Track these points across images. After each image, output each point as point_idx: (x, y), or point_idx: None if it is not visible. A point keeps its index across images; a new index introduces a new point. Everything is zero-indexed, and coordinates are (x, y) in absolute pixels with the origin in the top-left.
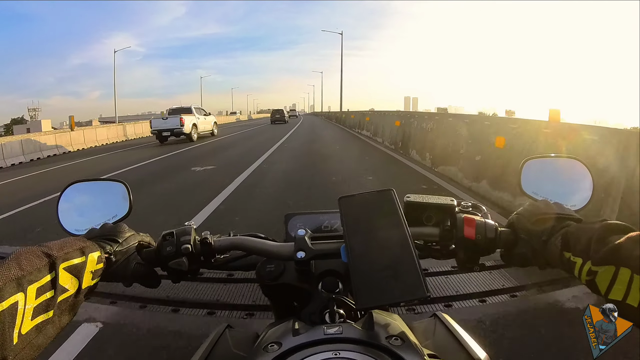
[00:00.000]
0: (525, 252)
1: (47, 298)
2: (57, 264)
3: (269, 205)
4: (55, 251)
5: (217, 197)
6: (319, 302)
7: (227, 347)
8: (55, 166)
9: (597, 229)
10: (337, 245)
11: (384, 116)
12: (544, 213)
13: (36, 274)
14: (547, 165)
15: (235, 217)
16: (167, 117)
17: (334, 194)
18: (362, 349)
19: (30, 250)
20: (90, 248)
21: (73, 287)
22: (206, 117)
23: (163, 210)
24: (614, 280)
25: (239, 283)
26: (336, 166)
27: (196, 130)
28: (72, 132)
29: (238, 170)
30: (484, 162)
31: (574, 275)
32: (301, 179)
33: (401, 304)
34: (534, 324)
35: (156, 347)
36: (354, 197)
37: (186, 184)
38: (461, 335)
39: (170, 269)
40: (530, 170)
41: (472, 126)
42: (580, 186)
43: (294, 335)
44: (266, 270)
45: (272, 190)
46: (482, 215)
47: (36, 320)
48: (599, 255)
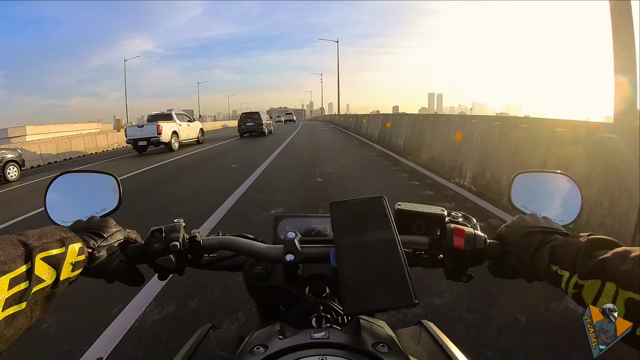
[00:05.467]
0: (513, 264)
1: (21, 289)
2: (33, 254)
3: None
4: (33, 240)
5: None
6: (305, 306)
7: (211, 347)
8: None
9: (583, 243)
10: (326, 250)
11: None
12: (532, 226)
13: (10, 264)
14: (536, 180)
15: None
16: (143, 124)
17: None
18: (349, 354)
19: (6, 239)
20: (72, 239)
21: (50, 277)
22: (190, 123)
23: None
24: (599, 294)
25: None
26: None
27: (177, 139)
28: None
29: (211, 207)
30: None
31: (561, 289)
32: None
33: (388, 310)
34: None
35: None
36: (345, 203)
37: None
38: (446, 345)
39: (157, 266)
40: (520, 184)
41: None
42: (569, 201)
43: (281, 338)
44: (254, 271)
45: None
46: (471, 226)
47: (7, 311)
48: (586, 269)
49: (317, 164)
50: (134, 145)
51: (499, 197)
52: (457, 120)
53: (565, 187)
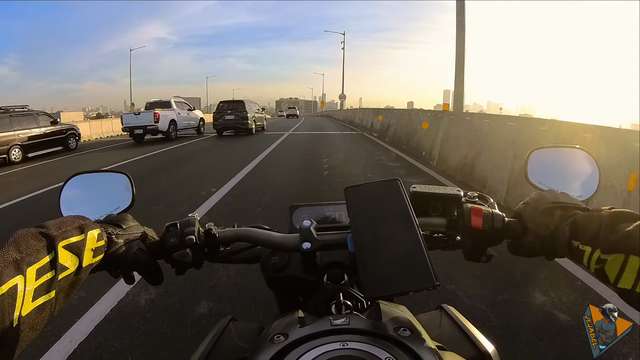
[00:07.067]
0: (533, 241)
1: (48, 279)
2: (56, 243)
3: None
4: (53, 230)
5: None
6: (324, 294)
7: (232, 339)
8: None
9: (606, 217)
10: (342, 236)
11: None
12: (551, 202)
13: (35, 255)
14: (553, 156)
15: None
16: (140, 112)
17: None
18: (370, 339)
19: (27, 232)
20: (90, 226)
21: (73, 265)
22: (190, 112)
23: None
24: (623, 269)
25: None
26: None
27: (175, 128)
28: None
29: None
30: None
31: (583, 264)
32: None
33: (410, 293)
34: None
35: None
36: (360, 187)
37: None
38: (468, 328)
39: (174, 261)
40: (536, 161)
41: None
42: (587, 176)
43: (301, 326)
44: (271, 262)
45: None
46: (488, 205)
47: (37, 301)
48: (608, 243)
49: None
50: (130, 134)
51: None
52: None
53: (582, 162)
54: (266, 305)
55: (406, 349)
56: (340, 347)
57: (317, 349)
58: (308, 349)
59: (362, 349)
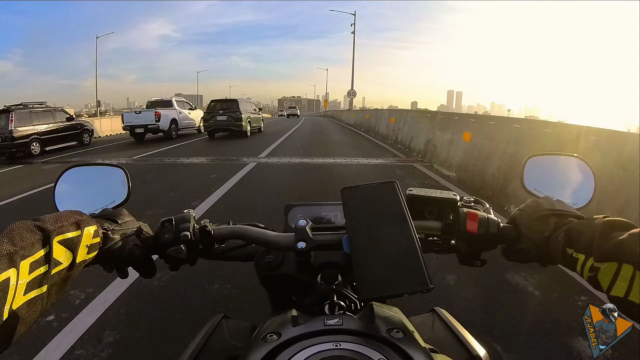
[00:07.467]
0: (527, 248)
1: (41, 273)
2: (51, 238)
3: None
4: (49, 224)
5: None
6: (318, 294)
7: (224, 337)
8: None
9: (599, 225)
10: (338, 237)
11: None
12: (546, 209)
13: (29, 249)
14: (549, 163)
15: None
16: (141, 110)
17: None
18: (363, 340)
19: (23, 225)
20: (87, 222)
21: (67, 260)
22: (191, 111)
23: None
24: (616, 277)
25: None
26: None
27: (176, 127)
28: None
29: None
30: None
31: (576, 272)
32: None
33: (403, 295)
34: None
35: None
36: (357, 188)
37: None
38: (460, 331)
39: (168, 257)
40: (533, 167)
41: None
42: (583, 184)
43: (294, 325)
44: (265, 260)
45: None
46: (484, 210)
47: (28, 295)
48: (602, 251)
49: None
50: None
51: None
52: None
53: (578, 170)
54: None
55: (398, 350)
56: (333, 347)
57: (310, 348)
58: (301, 348)
59: (355, 350)
